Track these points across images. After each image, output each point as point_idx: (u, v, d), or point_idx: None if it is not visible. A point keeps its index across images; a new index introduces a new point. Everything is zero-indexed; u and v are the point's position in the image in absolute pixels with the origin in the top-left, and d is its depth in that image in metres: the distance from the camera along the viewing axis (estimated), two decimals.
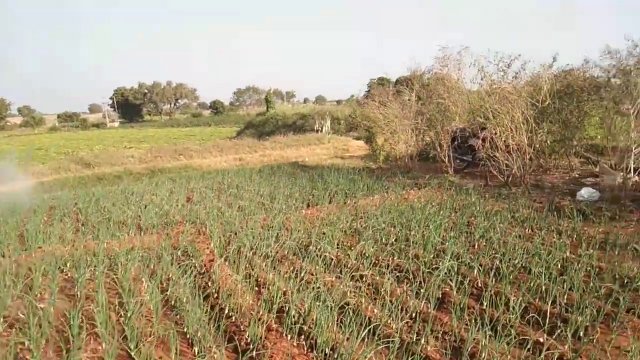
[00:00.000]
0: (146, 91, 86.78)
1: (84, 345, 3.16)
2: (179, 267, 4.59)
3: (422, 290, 3.71)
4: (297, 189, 8.43)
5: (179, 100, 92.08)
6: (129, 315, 3.49)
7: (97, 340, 3.27)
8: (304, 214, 6.45)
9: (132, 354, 3.06)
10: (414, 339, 3.06)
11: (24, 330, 3.35)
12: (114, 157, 16.16)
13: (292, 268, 4.38)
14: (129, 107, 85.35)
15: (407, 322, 3.28)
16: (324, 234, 5.38)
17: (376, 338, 2.98)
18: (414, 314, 3.39)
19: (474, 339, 2.94)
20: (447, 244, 4.77)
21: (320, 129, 23.88)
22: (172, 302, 3.91)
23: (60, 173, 14.28)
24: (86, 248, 5.36)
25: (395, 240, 5.08)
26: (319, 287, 3.70)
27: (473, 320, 3.14)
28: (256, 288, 4.09)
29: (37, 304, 3.81)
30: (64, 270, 4.88)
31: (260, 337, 3.09)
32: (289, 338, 3.14)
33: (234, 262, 4.68)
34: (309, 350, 3.02)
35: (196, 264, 4.71)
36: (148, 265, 4.80)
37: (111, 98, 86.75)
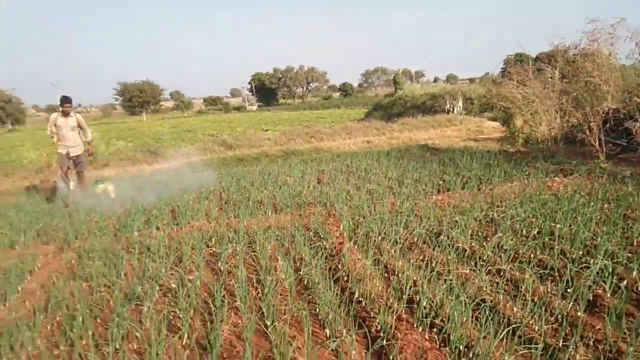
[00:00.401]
0: (280, 76, 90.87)
1: (225, 318, 3.40)
2: (311, 247, 4.73)
3: (569, 291, 3.37)
4: (427, 173, 8.20)
5: (311, 84, 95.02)
6: (265, 292, 3.68)
7: (237, 314, 3.49)
8: (434, 200, 6.25)
9: (268, 330, 3.22)
10: (560, 344, 2.79)
11: (175, 299, 3.70)
12: (252, 140, 17.16)
13: (422, 257, 4.27)
14: (266, 91, 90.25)
15: (552, 325, 3.01)
16: (456, 222, 5.15)
17: (516, 339, 2.78)
18: (559, 317, 3.09)
19: (635, 352, 2.60)
20: (599, 240, 4.27)
21: (451, 109, 22.90)
22: (305, 282, 4.05)
23: (206, 154, 15.56)
24: (228, 225, 5.76)
25: (538, 233, 4.69)
26: (451, 280, 3.56)
27: (633, 331, 2.77)
28: (385, 275, 4.06)
29: (186, 275, 4.19)
30: (209, 245, 5.30)
31: (391, 327, 3.06)
32: (420, 330, 3.06)
33: (363, 246, 4.69)
34: (442, 345, 2.91)
35: (326, 246, 4.82)
36: (283, 244, 5.02)
37: (250, 83, 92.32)
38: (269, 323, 3.32)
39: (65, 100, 8.18)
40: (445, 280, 3.55)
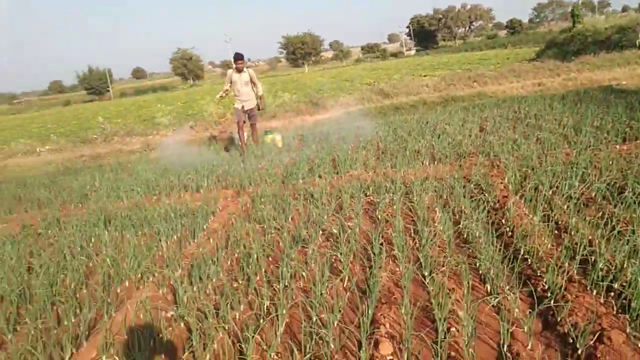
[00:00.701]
0: (441, 16, 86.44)
1: (383, 265, 3.51)
2: (471, 200, 4.57)
3: None
4: (610, 120, 7.20)
5: (474, 23, 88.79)
6: (423, 243, 3.69)
7: (395, 262, 3.58)
8: (618, 150, 5.51)
9: (426, 281, 3.24)
10: None
11: (336, 244, 3.91)
12: (409, 87, 16.83)
13: (600, 214, 3.84)
14: (424, 34, 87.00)
15: None
16: None
17: None
18: None
19: None
20: None
21: None
22: (464, 236, 3.95)
23: (363, 104, 15.73)
24: (385, 175, 5.82)
25: None
26: (635, 241, 3.15)
27: None
28: (555, 232, 3.76)
29: (346, 222, 4.38)
30: (367, 194, 5.44)
31: (560, 287, 2.85)
32: (594, 294, 2.81)
33: (531, 200, 4.37)
34: (619, 311, 2.64)
35: (489, 199, 4.60)
36: (441, 195, 4.93)
37: (408, 27, 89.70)
38: (426, 273, 3.34)
39: (238, 57, 8.82)
40: (627, 241, 3.16)
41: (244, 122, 9.02)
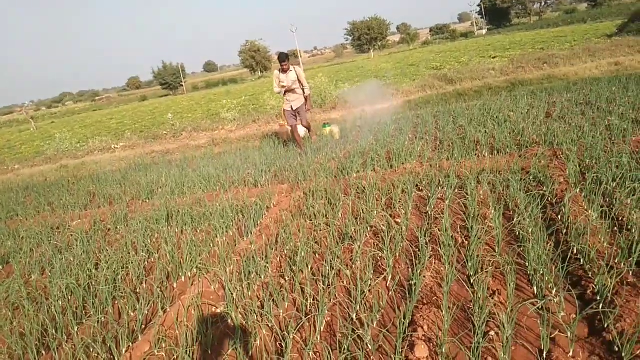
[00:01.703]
0: None
1: (428, 265, 3.46)
2: (528, 194, 4.39)
3: None
4: None
5: None
6: (471, 241, 3.60)
7: (440, 261, 3.53)
8: None
9: (471, 281, 3.18)
10: None
11: (382, 242, 3.91)
12: (474, 72, 16.20)
13: None
14: (497, 13, 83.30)
15: None
16: None
17: None
18: None
19: None
20: None
21: None
22: (516, 233, 3.82)
23: (425, 91, 15.36)
24: (440, 168, 5.70)
25: None
26: None
27: None
28: (614, 230, 3.54)
29: (395, 219, 4.36)
30: (420, 189, 5.35)
31: (609, 290, 2.70)
32: None
33: (591, 194, 4.14)
34: None
35: (546, 193, 4.40)
36: (495, 189, 4.77)
37: (479, 5, 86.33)
38: (472, 273, 3.28)
39: (280, 58, 8.60)
40: None
41: (295, 124, 8.97)
